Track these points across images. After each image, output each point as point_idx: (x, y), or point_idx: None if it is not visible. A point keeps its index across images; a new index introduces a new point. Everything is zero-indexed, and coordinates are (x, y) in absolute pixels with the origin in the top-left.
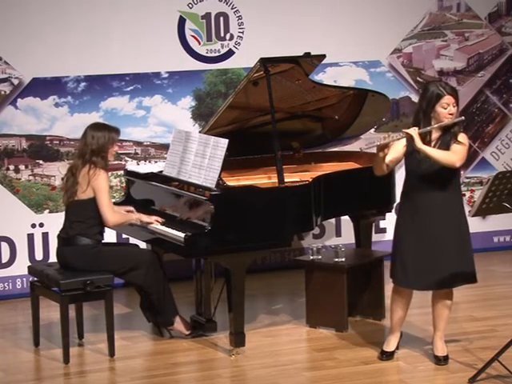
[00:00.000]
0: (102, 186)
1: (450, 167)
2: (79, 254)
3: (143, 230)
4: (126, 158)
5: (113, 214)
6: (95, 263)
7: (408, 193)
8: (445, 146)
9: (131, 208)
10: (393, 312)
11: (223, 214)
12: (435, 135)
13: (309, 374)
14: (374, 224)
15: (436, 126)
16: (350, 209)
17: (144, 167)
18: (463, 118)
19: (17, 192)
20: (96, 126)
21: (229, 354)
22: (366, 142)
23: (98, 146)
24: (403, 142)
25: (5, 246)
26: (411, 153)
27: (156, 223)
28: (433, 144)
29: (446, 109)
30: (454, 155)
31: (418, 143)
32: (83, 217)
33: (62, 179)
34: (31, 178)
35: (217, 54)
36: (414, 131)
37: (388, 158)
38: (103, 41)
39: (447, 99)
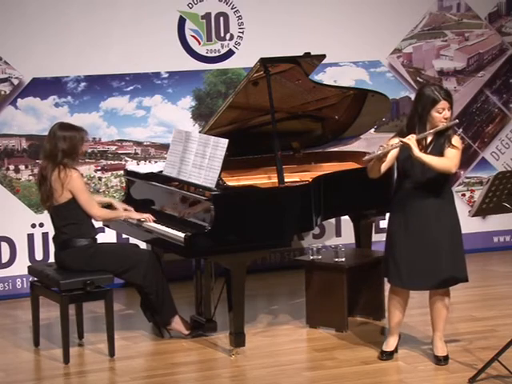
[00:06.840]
0: (78, 187)
1: (445, 173)
2: (77, 257)
3: (143, 230)
4: (126, 158)
5: (98, 209)
6: (94, 264)
7: (401, 195)
8: (438, 148)
9: (130, 208)
10: (390, 314)
11: (223, 214)
12: (429, 139)
13: (309, 374)
14: (373, 224)
15: (432, 131)
16: (350, 209)
17: (144, 167)
18: (457, 121)
19: (17, 192)
20: (64, 127)
21: (229, 353)
22: (367, 142)
23: (69, 146)
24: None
25: (5, 246)
26: (406, 157)
27: (148, 220)
28: (427, 147)
29: (441, 113)
30: (449, 161)
31: (416, 152)
32: (71, 218)
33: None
34: (31, 177)
35: (217, 54)
36: (411, 140)
37: (384, 164)
38: (103, 41)
39: (442, 104)
